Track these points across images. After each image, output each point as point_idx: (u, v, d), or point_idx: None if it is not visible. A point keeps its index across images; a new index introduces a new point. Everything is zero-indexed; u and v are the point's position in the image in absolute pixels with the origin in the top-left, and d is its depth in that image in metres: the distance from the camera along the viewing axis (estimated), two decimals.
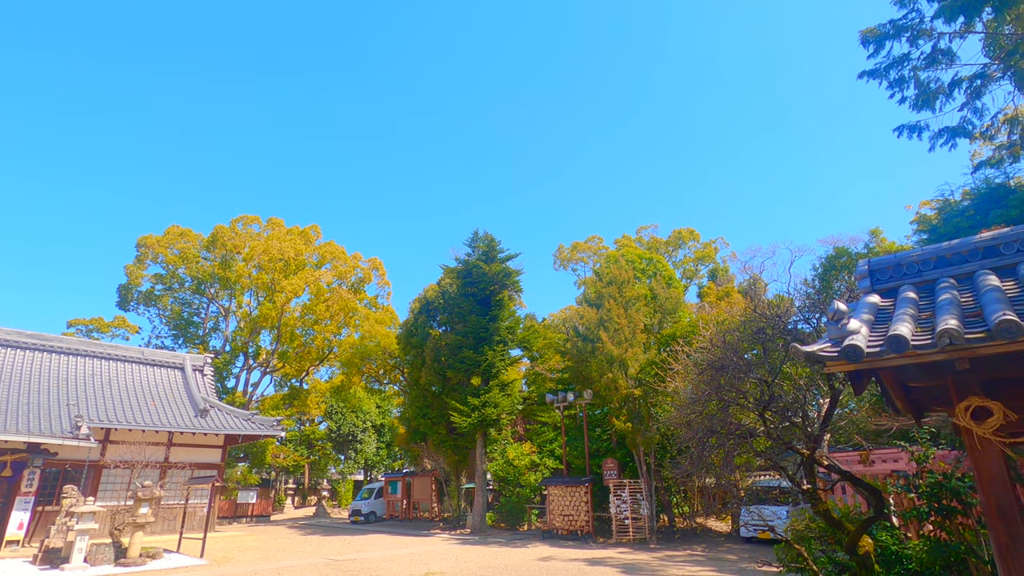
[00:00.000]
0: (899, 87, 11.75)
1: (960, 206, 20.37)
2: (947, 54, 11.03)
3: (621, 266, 26.45)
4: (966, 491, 7.67)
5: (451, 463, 30.29)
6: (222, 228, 40.53)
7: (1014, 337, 3.47)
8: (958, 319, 3.91)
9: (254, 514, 34.44)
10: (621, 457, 24.84)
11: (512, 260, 30.21)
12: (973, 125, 11.93)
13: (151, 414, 24.55)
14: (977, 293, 4.58)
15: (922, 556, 7.71)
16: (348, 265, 42.65)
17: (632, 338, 22.95)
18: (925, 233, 21.96)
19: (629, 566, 15.75)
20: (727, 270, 41.45)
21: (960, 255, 5.44)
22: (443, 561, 16.63)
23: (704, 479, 23.72)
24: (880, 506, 7.04)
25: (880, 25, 11.51)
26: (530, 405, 30.37)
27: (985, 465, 4.13)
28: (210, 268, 40.87)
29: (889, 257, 5.95)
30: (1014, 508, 4.02)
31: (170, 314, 42.65)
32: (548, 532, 23.30)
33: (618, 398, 22.51)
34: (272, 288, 38.97)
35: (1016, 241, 5.15)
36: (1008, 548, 3.93)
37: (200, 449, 26.25)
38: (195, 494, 24.12)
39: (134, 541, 15.97)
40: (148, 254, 40.46)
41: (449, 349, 28.24)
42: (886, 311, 5.01)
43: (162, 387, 27.66)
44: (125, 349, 28.95)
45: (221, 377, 39.89)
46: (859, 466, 15.81)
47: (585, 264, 46.26)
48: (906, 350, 3.82)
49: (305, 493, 50.25)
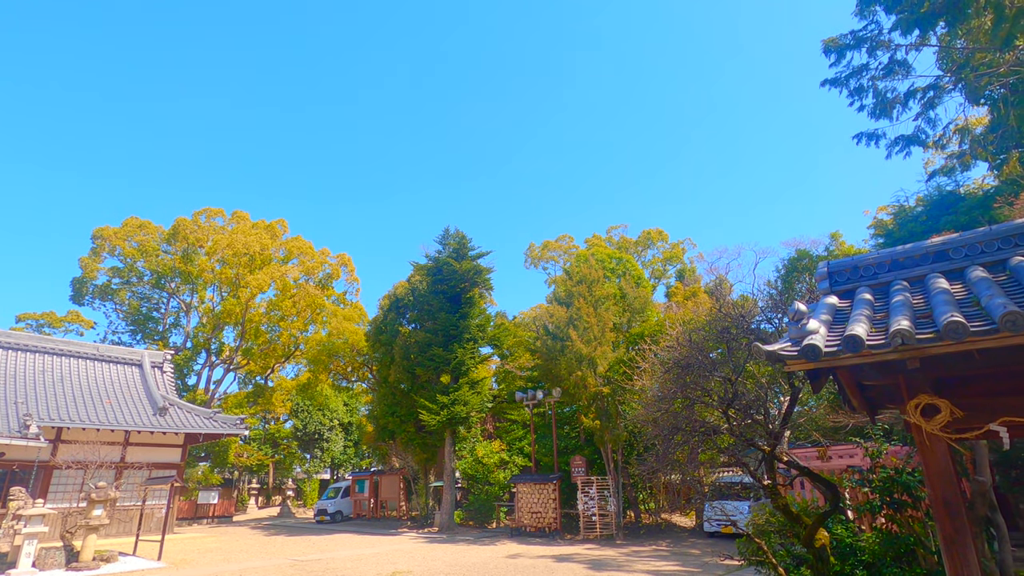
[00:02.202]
0: (858, 96, 12.17)
1: (914, 212, 21.27)
2: (903, 65, 11.48)
3: (591, 265, 26.69)
4: (916, 485, 8.02)
5: (419, 461, 30.11)
6: (184, 221, 39.25)
7: (960, 338, 3.63)
8: (910, 320, 4.08)
9: (216, 515, 33.59)
10: (589, 454, 25.10)
11: (483, 258, 30.19)
12: (927, 134, 12.44)
13: (106, 412, 23.65)
14: (928, 295, 4.78)
15: (874, 548, 8.02)
16: (316, 260, 41.85)
17: (601, 337, 23.20)
18: (882, 237, 22.86)
19: (596, 562, 15.94)
20: (694, 270, 42.24)
21: (913, 259, 5.66)
22: (410, 560, 16.53)
23: (670, 475, 24.04)
24: (836, 500, 7.30)
25: (841, 36, 11.89)
26: (500, 403, 30.41)
27: (933, 460, 4.32)
28: (171, 262, 39.54)
29: (847, 260, 6.16)
30: (959, 501, 4.22)
31: (128, 309, 41.11)
32: (516, 529, 23.39)
33: (587, 396, 22.73)
34: (236, 283, 37.94)
35: (964, 246, 5.39)
36: (953, 539, 4.13)
37: (159, 448, 25.44)
38: (153, 495, 23.37)
39: (87, 544, 15.39)
40: (104, 246, 38.88)
41: (419, 346, 28.05)
42: (844, 312, 5.18)
43: (119, 384, 26.67)
44: (79, 345, 27.80)
45: (182, 374, 38.68)
46: (817, 462, 16.34)
47: (556, 263, 46.53)
48: (861, 349, 3.96)
49: (269, 493, 49.23)
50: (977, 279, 4.65)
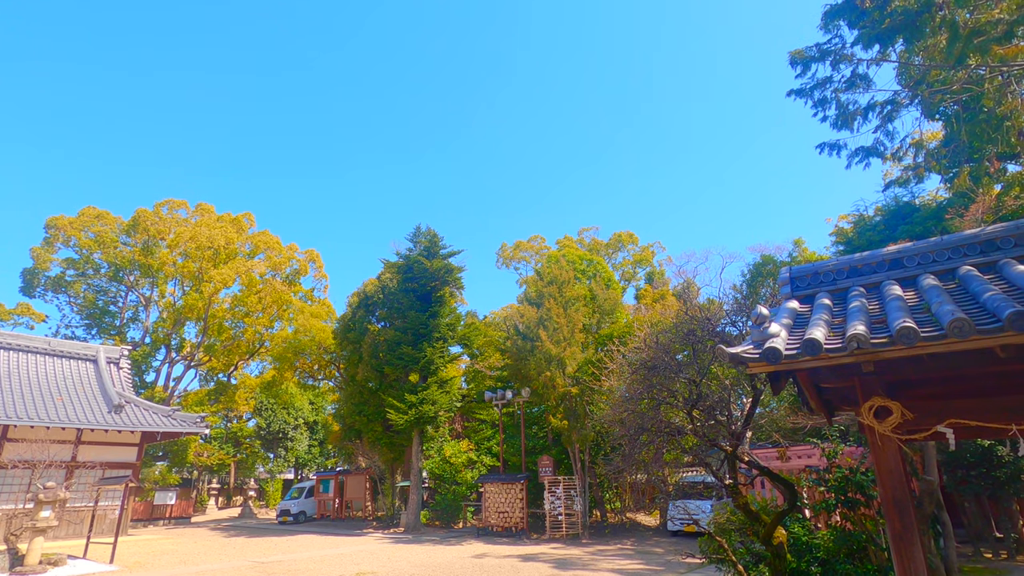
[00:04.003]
0: (822, 107, 12.56)
1: (873, 221, 22.06)
2: (864, 79, 11.89)
3: (562, 266, 26.85)
4: (869, 484, 8.33)
5: (386, 461, 29.79)
6: (145, 212, 37.85)
7: (911, 342, 3.78)
8: (866, 325, 4.22)
9: (173, 516, 32.56)
10: (557, 454, 25.25)
11: (454, 256, 30.06)
12: (885, 147, 12.90)
13: (57, 410, 22.66)
14: (883, 302, 4.96)
15: (829, 545, 8.29)
16: (283, 256, 40.91)
17: (571, 337, 23.37)
18: (842, 245, 23.63)
19: (561, 561, 16.04)
20: (663, 273, 42.86)
21: (870, 266, 5.88)
22: (375, 560, 16.34)
23: (635, 475, 24.50)
24: (794, 499, 7.51)
25: (807, 48, 12.26)
26: (469, 402, 30.32)
27: (884, 460, 4.49)
28: (130, 254, 38.08)
29: (808, 266, 6.35)
30: (908, 499, 4.39)
31: (83, 302, 39.47)
32: (483, 529, 23.36)
33: (555, 396, 22.86)
34: (199, 277, 36.79)
35: (917, 255, 5.63)
36: (901, 536, 4.29)
37: (113, 447, 24.50)
38: (106, 496, 22.51)
39: (33, 547, 14.72)
40: (59, 236, 37.21)
41: (387, 345, 27.75)
42: (804, 316, 5.34)
43: (71, 380, 25.59)
44: (29, 339, 26.56)
45: (140, 371, 37.39)
46: (777, 462, 16.78)
47: (527, 263, 46.58)
48: (819, 353, 4.09)
49: (230, 493, 48.00)
50: (928, 287, 4.85)
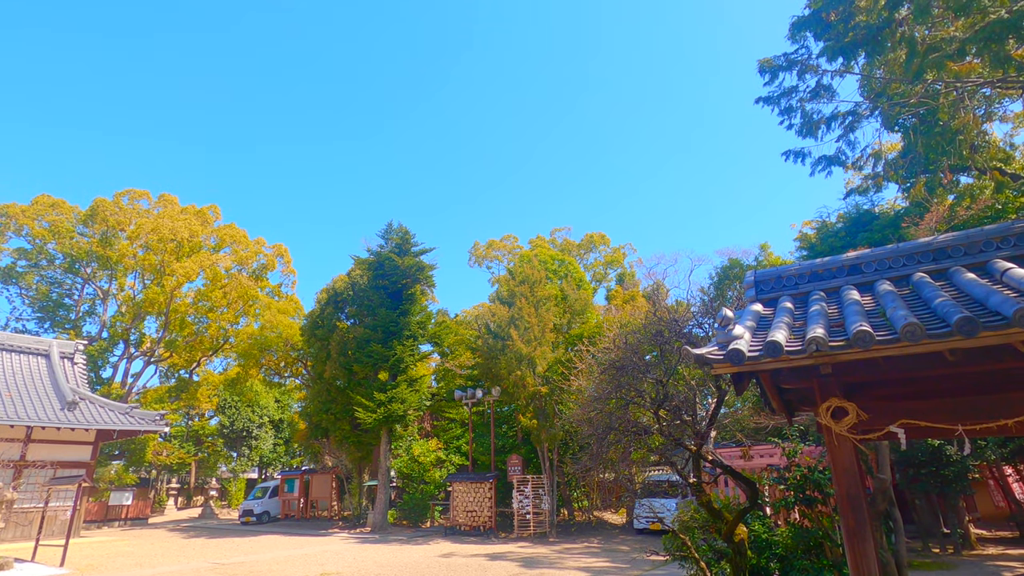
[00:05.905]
0: (788, 115, 12.92)
1: (835, 228, 22.79)
2: (828, 90, 12.29)
3: (534, 266, 26.94)
4: (826, 483, 8.60)
5: (354, 460, 29.41)
6: (103, 201, 36.43)
7: (867, 345, 3.92)
8: (824, 328, 4.36)
9: (129, 516, 31.46)
10: (526, 453, 25.33)
11: (426, 254, 29.87)
12: (847, 156, 13.35)
13: (5, 406, 21.66)
14: (841, 306, 5.13)
15: (787, 542, 8.53)
16: (250, 250, 39.91)
17: (541, 337, 23.46)
18: (805, 250, 24.33)
19: (528, 560, 16.10)
20: (634, 275, 43.36)
21: (830, 271, 6.08)
22: (340, 561, 16.11)
23: (603, 474, 24.74)
24: (755, 497, 7.71)
25: (775, 57, 12.61)
26: (438, 401, 30.17)
27: (840, 459, 4.65)
28: (87, 245, 36.61)
29: (772, 270, 6.52)
30: (861, 496, 4.55)
31: (35, 294, 37.79)
32: (451, 528, 23.28)
33: (525, 395, 22.93)
34: (161, 271, 35.62)
35: (875, 262, 5.84)
36: (855, 531, 4.45)
37: (66, 446, 23.54)
38: (57, 496, 21.58)
39: None
40: (10, 225, 35.50)
41: (357, 342, 27.40)
42: (767, 319, 5.48)
43: (21, 376, 24.48)
44: None
45: (96, 367, 35.95)
46: (740, 461, 17.18)
47: (500, 262, 46.56)
48: (780, 355, 4.21)
49: (191, 493, 46.65)
50: (884, 292, 5.04)
